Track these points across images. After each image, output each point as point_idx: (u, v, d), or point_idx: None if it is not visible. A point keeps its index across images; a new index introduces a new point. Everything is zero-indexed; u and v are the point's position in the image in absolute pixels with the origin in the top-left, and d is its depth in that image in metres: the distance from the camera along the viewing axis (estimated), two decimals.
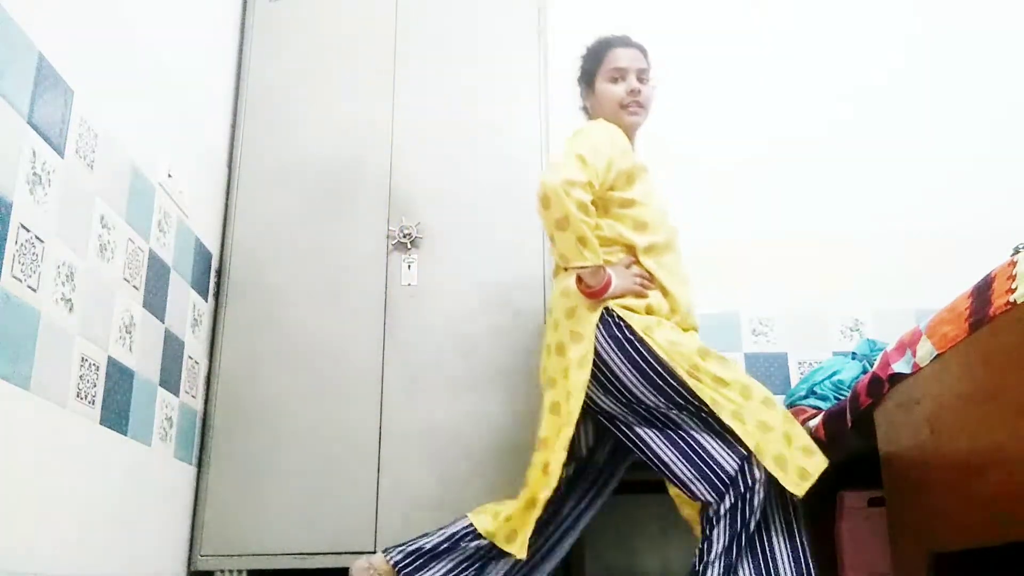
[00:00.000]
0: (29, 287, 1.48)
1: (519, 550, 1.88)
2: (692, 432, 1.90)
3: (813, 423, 2.48)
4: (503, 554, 1.91)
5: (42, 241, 1.53)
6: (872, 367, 2.23)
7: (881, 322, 2.98)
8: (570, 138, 2.01)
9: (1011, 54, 3.30)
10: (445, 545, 1.91)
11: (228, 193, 2.55)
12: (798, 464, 1.86)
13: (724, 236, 3.10)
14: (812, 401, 2.65)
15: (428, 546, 1.92)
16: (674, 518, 2.83)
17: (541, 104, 2.63)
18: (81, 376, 1.67)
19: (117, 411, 1.82)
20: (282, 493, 2.28)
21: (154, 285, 2.02)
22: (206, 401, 2.37)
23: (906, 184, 3.16)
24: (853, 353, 2.80)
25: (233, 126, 2.62)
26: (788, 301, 3.03)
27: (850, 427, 2.22)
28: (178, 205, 2.17)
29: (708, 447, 1.88)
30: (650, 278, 1.98)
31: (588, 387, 1.88)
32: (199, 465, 2.32)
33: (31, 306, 1.49)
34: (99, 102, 1.76)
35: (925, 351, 1.83)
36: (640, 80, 2.14)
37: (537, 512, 1.89)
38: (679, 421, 1.91)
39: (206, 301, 2.39)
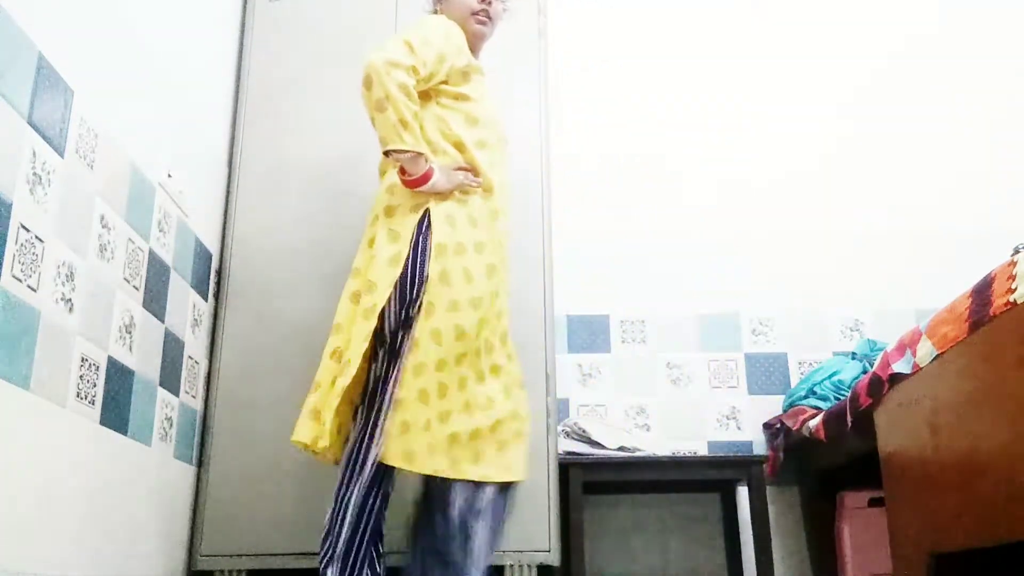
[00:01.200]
0: (29, 287, 1.48)
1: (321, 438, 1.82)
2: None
3: (813, 423, 2.48)
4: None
5: (42, 241, 1.53)
6: (872, 367, 2.23)
7: (881, 322, 2.98)
8: (403, 29, 2.00)
9: (1011, 54, 3.30)
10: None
11: (228, 193, 2.55)
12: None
13: (724, 236, 3.10)
14: (812, 401, 2.65)
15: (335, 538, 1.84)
16: (674, 518, 2.84)
17: (541, 104, 2.63)
18: (81, 376, 1.67)
19: (117, 411, 1.82)
20: (282, 493, 2.28)
21: (154, 285, 2.02)
22: (206, 401, 2.37)
23: (906, 184, 3.16)
24: (853, 353, 2.80)
25: (233, 126, 2.62)
26: (788, 301, 3.03)
27: (850, 427, 2.22)
28: (178, 205, 2.17)
29: None
30: (476, 175, 1.95)
31: (393, 287, 1.83)
32: (199, 465, 2.32)
33: (31, 306, 1.49)
34: (99, 102, 1.76)
35: (925, 351, 1.83)
36: None
37: (336, 399, 1.81)
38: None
39: (206, 301, 2.39)
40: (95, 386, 1.72)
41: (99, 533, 1.76)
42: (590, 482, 2.48)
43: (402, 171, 1.89)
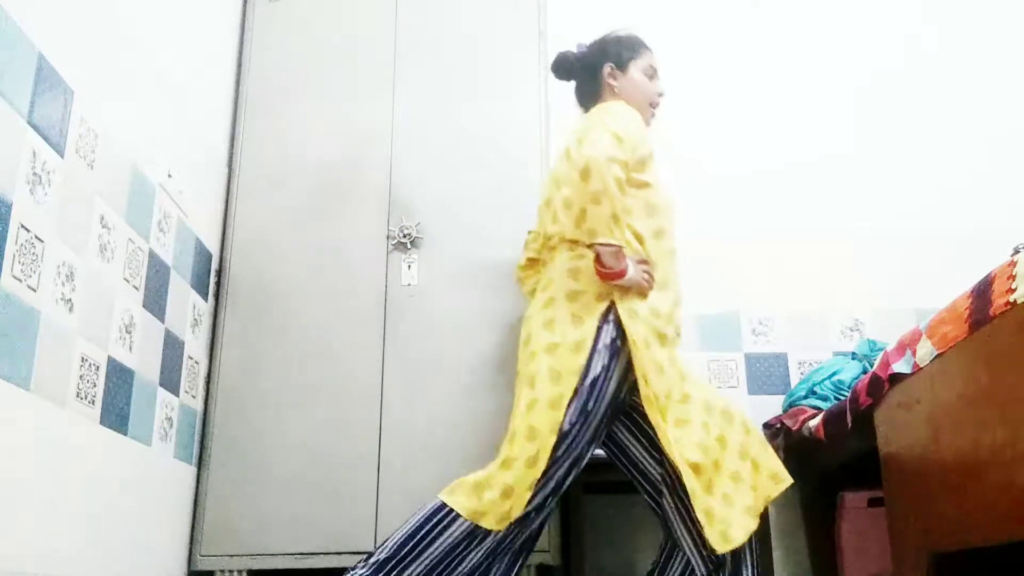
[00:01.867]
0: (29, 287, 1.48)
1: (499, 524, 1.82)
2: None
3: (813, 423, 2.48)
4: (482, 536, 1.83)
5: (42, 241, 1.53)
6: (872, 367, 2.23)
7: (881, 322, 2.98)
8: (597, 114, 2.02)
9: (1011, 55, 3.30)
10: (417, 543, 1.83)
11: (228, 193, 2.55)
12: (727, 524, 1.84)
13: (724, 236, 3.10)
14: (812, 401, 2.65)
15: (399, 551, 1.82)
16: None
17: (541, 104, 2.63)
18: (81, 376, 1.67)
19: (117, 411, 1.82)
20: (282, 492, 2.28)
21: (154, 285, 2.02)
22: (206, 401, 2.37)
23: (906, 185, 3.16)
24: (853, 353, 2.80)
25: (233, 126, 2.62)
26: (788, 301, 3.03)
27: (850, 427, 2.22)
28: (178, 205, 2.17)
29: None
30: (652, 268, 1.97)
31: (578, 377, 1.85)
32: (199, 465, 2.32)
33: (31, 306, 1.49)
34: (99, 102, 1.76)
35: (925, 351, 1.83)
36: None
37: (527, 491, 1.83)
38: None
39: (206, 301, 2.39)
40: (95, 386, 1.72)
41: (99, 533, 1.76)
42: (590, 482, 2.47)
43: (598, 261, 1.89)
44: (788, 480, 1.95)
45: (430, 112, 2.62)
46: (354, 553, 2.22)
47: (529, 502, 1.82)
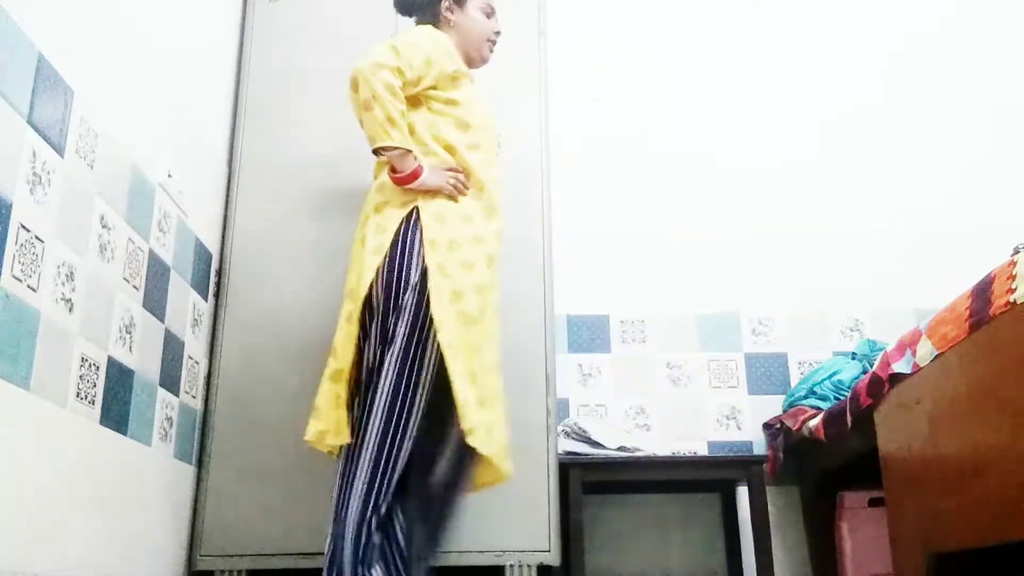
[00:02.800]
0: (29, 287, 1.48)
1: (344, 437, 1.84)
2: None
3: (813, 423, 2.48)
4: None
5: (42, 241, 1.53)
6: (872, 367, 2.23)
7: (881, 322, 2.98)
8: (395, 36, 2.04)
9: (1010, 55, 3.30)
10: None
11: (228, 193, 2.55)
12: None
13: (725, 236, 3.10)
14: (812, 401, 2.65)
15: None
16: (674, 518, 2.84)
17: (541, 104, 2.63)
18: (81, 376, 1.67)
19: (117, 411, 1.82)
20: (282, 493, 2.28)
21: (154, 285, 2.02)
22: (206, 401, 2.37)
23: (906, 185, 3.16)
24: (853, 353, 2.80)
25: (233, 126, 2.62)
26: (788, 301, 3.03)
27: (850, 427, 2.22)
28: (178, 205, 2.17)
29: None
30: (467, 177, 1.97)
31: (376, 273, 1.85)
32: (199, 465, 2.32)
33: (31, 306, 1.49)
34: (99, 102, 1.76)
35: (925, 351, 1.83)
36: None
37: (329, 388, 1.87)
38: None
39: (206, 301, 2.39)
40: (95, 386, 1.72)
41: (99, 533, 1.76)
42: (590, 482, 2.48)
43: (392, 169, 1.93)
44: (498, 474, 1.90)
45: None
46: None
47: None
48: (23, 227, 1.47)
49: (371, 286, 1.86)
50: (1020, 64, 3.29)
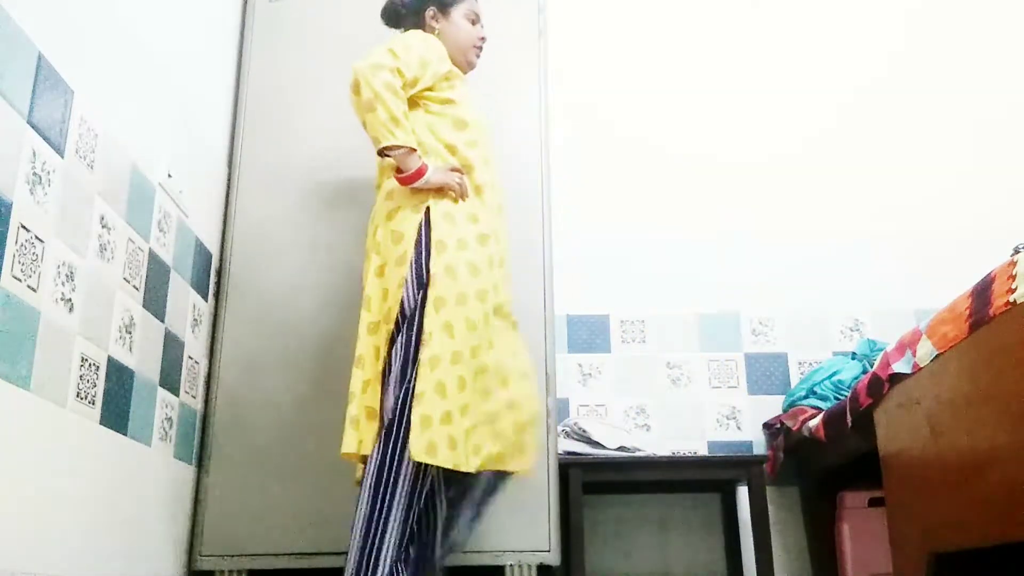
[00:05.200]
0: (29, 287, 1.48)
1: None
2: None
3: (813, 423, 2.48)
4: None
5: (42, 241, 1.53)
6: (872, 367, 2.23)
7: (881, 322, 2.98)
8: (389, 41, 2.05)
9: (1010, 54, 3.30)
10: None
11: (228, 193, 2.55)
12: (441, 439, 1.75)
13: (725, 236, 3.10)
14: (812, 401, 2.65)
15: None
16: (674, 518, 2.84)
17: (541, 104, 2.63)
18: (81, 376, 1.67)
19: (117, 411, 1.82)
20: (282, 493, 2.28)
21: (154, 285, 2.02)
22: (206, 401, 2.37)
23: (906, 185, 3.16)
24: (853, 353, 2.80)
25: (233, 126, 2.62)
26: (788, 301, 3.03)
27: (850, 427, 2.22)
28: (178, 205, 2.17)
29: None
30: (468, 174, 1.98)
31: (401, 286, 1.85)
32: (199, 465, 2.32)
33: (31, 306, 1.49)
34: (99, 102, 1.76)
35: (925, 351, 1.83)
36: None
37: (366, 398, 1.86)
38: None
39: (206, 301, 2.39)
40: (95, 386, 1.72)
41: (99, 533, 1.76)
42: (590, 482, 2.48)
43: (397, 170, 1.93)
44: (522, 468, 1.90)
45: None
46: None
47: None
48: (23, 227, 1.47)
49: (402, 299, 1.84)
50: (1021, 63, 3.29)
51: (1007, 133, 3.20)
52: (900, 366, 1.94)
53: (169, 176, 2.11)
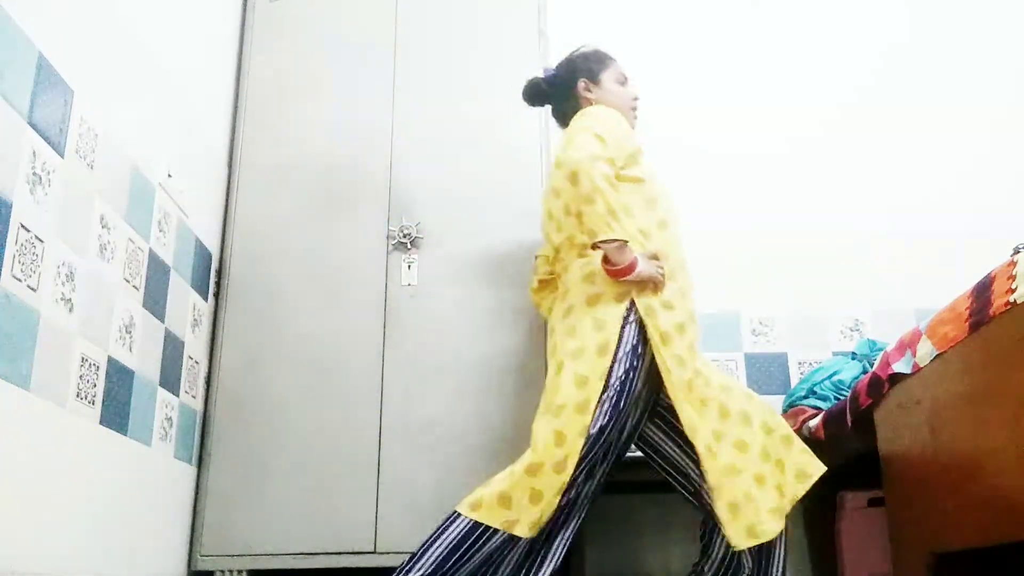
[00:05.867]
0: (29, 287, 1.48)
1: (527, 530, 1.80)
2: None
3: (813, 423, 2.48)
4: (518, 541, 1.82)
5: (42, 241, 1.53)
6: (872, 367, 2.23)
7: (881, 322, 2.98)
8: (578, 120, 2.04)
9: (1010, 54, 3.30)
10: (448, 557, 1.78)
11: (228, 193, 2.55)
12: (751, 517, 1.85)
13: (724, 236, 3.10)
14: (812, 401, 2.65)
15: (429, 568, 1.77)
16: (674, 518, 2.84)
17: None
18: (81, 376, 1.67)
19: (117, 411, 1.82)
20: (282, 493, 2.28)
21: (154, 285, 2.02)
22: (206, 401, 2.37)
23: (906, 184, 3.16)
24: (853, 353, 2.79)
25: (233, 126, 2.62)
26: (788, 301, 3.03)
27: (850, 427, 2.22)
28: (178, 205, 2.17)
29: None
30: (663, 260, 1.98)
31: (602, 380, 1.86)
32: (199, 465, 2.32)
33: (31, 306, 1.49)
34: (99, 102, 1.76)
35: (925, 351, 1.83)
36: None
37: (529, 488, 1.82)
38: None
39: (206, 301, 2.39)
40: (95, 386, 1.72)
41: (99, 533, 1.76)
42: None
43: (606, 260, 1.91)
44: (816, 473, 1.96)
45: (430, 112, 2.62)
46: (354, 553, 2.22)
47: (558, 506, 1.83)
48: (23, 227, 1.47)
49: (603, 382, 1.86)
50: (1021, 63, 3.29)
51: (1008, 133, 3.20)
52: (900, 366, 1.94)
53: (169, 176, 2.11)
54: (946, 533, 1.75)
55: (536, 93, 2.26)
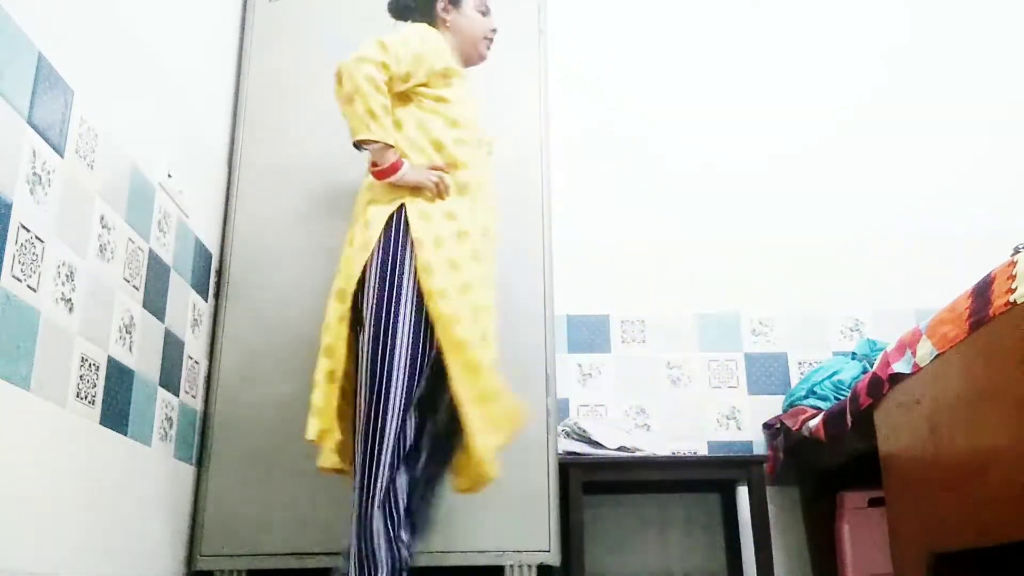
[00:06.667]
0: (29, 287, 1.48)
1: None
2: None
3: (813, 423, 2.48)
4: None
5: (42, 241, 1.53)
6: (872, 367, 2.23)
7: (881, 322, 2.98)
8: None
9: (1009, 55, 3.30)
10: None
11: (228, 193, 2.55)
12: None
13: (724, 236, 3.10)
14: (812, 401, 2.65)
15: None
16: (674, 518, 2.84)
17: (541, 104, 2.63)
18: (81, 376, 1.67)
19: (117, 411, 1.82)
20: (282, 493, 2.28)
21: (154, 285, 2.02)
22: (206, 401, 2.37)
23: (906, 185, 3.16)
24: (853, 353, 2.80)
25: (233, 126, 2.61)
26: (788, 301, 3.03)
27: (850, 427, 2.22)
28: (178, 205, 2.17)
29: None
30: (453, 171, 1.97)
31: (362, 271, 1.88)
32: (199, 465, 2.32)
33: (31, 306, 1.49)
34: (99, 102, 1.76)
35: (925, 351, 1.83)
36: None
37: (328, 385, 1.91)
38: None
39: (206, 301, 2.39)
40: (95, 386, 1.72)
41: (99, 533, 1.76)
42: (590, 482, 2.47)
43: (373, 164, 1.94)
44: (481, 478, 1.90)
45: None
46: None
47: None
48: (23, 227, 1.47)
49: (359, 284, 1.88)
50: (1021, 64, 3.29)
51: (1007, 133, 3.20)
52: (900, 366, 1.94)
53: (169, 176, 2.11)
54: (946, 533, 1.75)
55: (398, 8, 2.26)
